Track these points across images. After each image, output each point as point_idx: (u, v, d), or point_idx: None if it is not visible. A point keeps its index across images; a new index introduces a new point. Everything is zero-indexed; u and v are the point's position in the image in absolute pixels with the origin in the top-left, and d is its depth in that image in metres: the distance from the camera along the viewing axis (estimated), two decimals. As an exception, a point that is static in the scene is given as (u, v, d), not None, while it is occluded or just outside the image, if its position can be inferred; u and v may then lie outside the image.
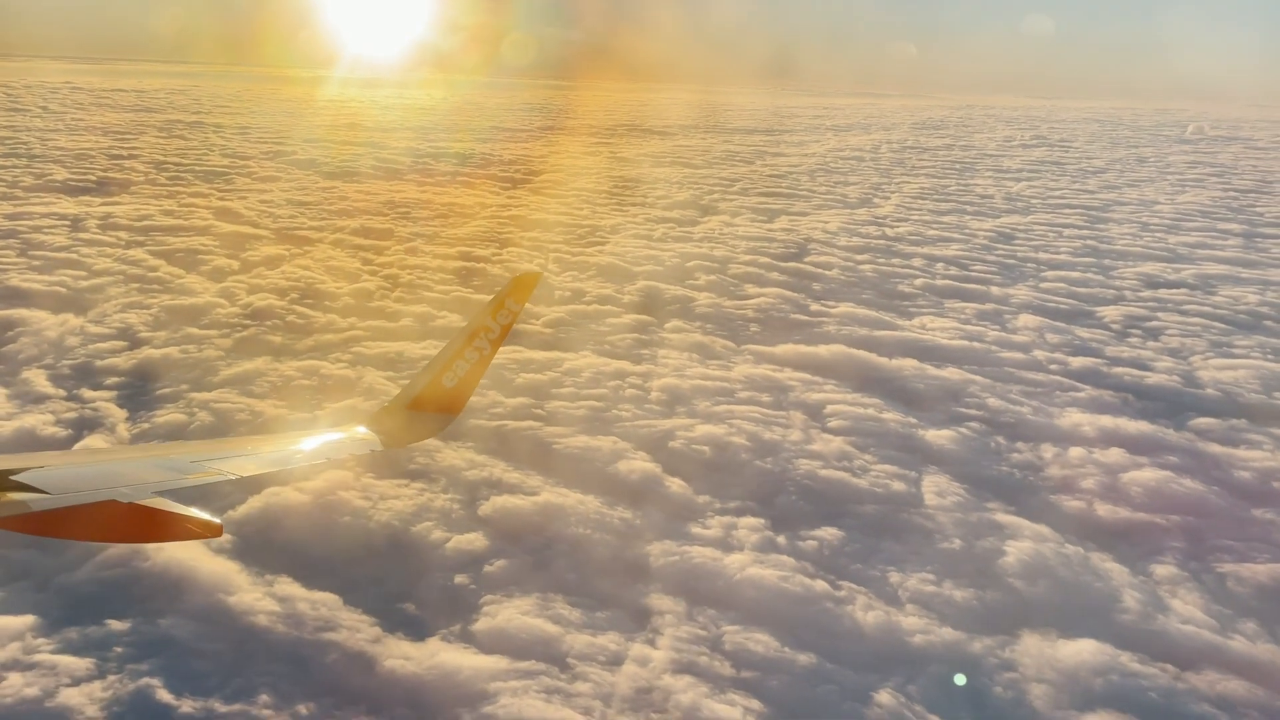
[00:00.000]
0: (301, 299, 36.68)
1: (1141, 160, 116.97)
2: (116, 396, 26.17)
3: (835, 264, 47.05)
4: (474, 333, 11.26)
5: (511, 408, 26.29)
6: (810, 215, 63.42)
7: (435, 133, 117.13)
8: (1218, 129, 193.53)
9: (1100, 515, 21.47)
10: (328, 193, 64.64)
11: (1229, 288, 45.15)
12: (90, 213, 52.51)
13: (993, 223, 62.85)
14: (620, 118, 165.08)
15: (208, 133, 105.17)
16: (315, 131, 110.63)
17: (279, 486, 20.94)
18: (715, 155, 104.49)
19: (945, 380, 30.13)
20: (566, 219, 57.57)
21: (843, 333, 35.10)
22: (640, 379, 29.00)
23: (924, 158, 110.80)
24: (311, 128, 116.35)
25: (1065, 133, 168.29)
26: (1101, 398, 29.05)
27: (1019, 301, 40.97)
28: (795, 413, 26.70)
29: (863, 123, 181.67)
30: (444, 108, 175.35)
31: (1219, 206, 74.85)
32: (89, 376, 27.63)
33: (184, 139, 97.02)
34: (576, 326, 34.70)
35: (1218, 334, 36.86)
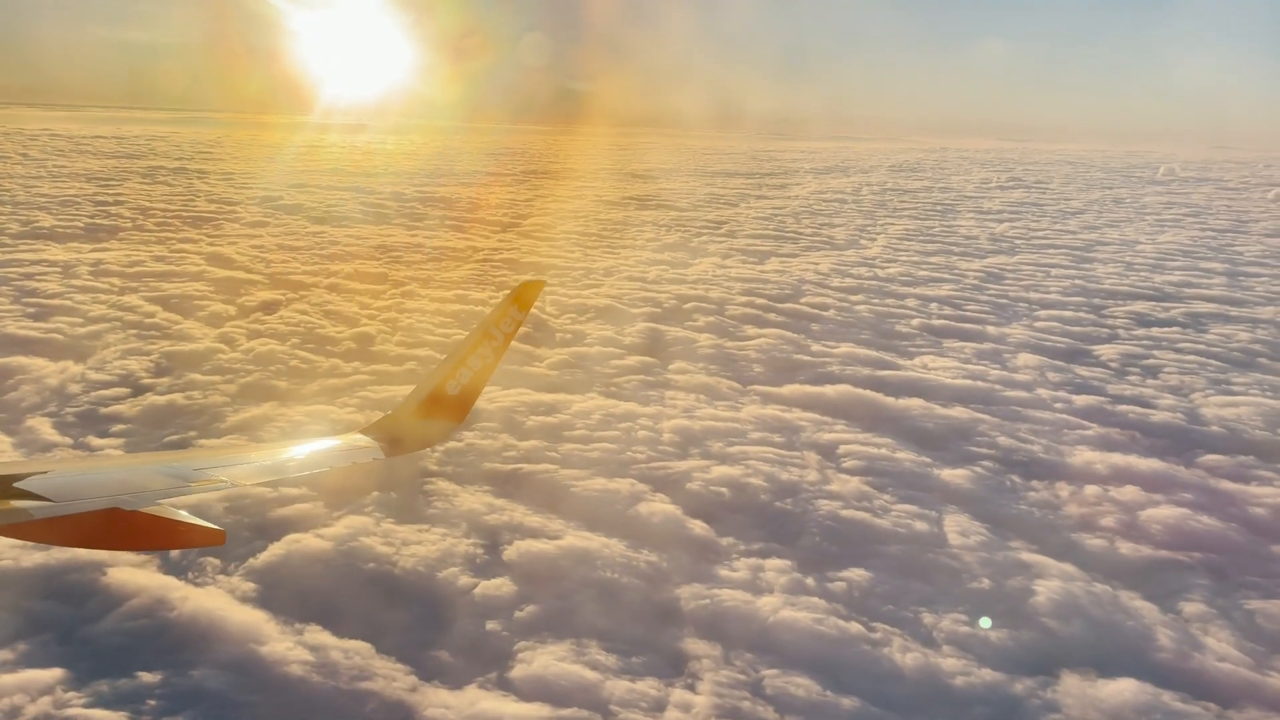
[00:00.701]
0: (303, 344, 36.46)
1: (1118, 201, 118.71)
2: (124, 444, 25.86)
3: (831, 305, 47.28)
4: (478, 340, 11.22)
5: (525, 451, 26.14)
6: (800, 257, 63.82)
7: (420, 177, 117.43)
8: (1188, 170, 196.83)
9: (1123, 553, 21.46)
10: (318, 237, 64.51)
11: (1220, 326, 45.65)
12: (81, 259, 52.17)
13: (980, 263, 63.45)
14: (603, 162, 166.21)
15: (191, 179, 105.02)
16: (300, 177, 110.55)
17: (299, 534, 20.74)
18: (699, 198, 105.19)
19: (953, 419, 30.20)
20: (560, 261, 57.71)
21: (847, 373, 35.18)
22: (651, 420, 28.89)
23: (905, 199, 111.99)
24: (296, 173, 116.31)
25: (1040, 174, 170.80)
26: (1110, 435, 29.18)
27: (1016, 341, 41.25)
28: (809, 453, 26.65)
29: (840, 166, 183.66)
30: (426, 152, 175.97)
31: (1199, 246, 75.92)
32: (94, 424, 27.30)
33: (168, 185, 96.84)
34: (581, 369, 34.64)
35: (1215, 371, 37.18)
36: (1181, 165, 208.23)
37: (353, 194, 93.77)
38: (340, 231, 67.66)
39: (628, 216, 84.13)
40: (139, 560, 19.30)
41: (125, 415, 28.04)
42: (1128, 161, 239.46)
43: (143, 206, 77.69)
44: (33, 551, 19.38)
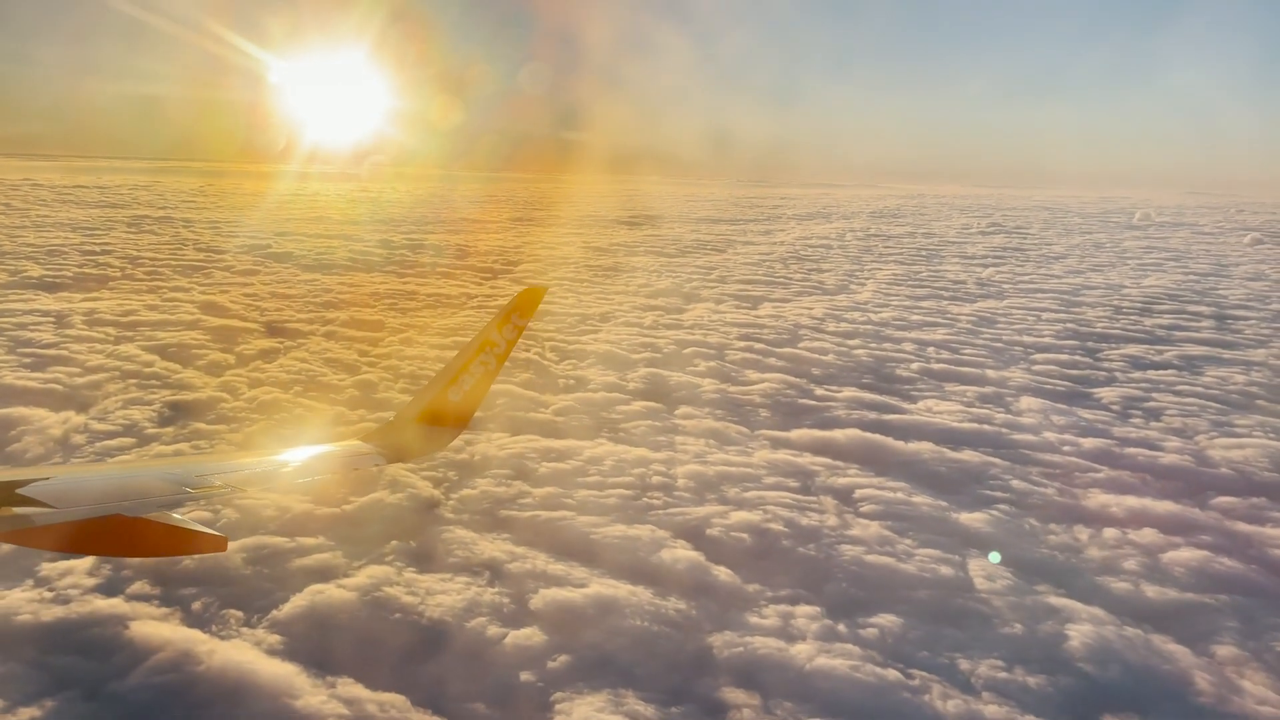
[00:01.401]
0: (305, 392, 36.20)
1: (1098, 246, 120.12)
2: (134, 494, 25.44)
3: (829, 349, 47.39)
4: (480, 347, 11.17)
5: (541, 498, 25.93)
6: (792, 302, 64.11)
7: (408, 225, 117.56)
8: (1163, 215, 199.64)
9: (1149, 596, 21.41)
10: (310, 285, 64.32)
11: (1214, 369, 45.99)
12: (73, 309, 51.74)
13: (970, 307, 63.91)
14: (588, 208, 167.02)
15: (178, 227, 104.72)
16: (286, 225, 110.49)
17: (321, 584, 20.45)
18: (687, 244, 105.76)
19: (964, 463, 30.21)
20: (554, 308, 57.59)
21: (853, 417, 35.19)
22: (664, 466, 28.75)
23: (889, 245, 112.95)
24: (282, 221, 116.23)
25: (1019, 220, 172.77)
26: (1121, 478, 29.23)
27: (1016, 384, 41.41)
28: (826, 498, 26.57)
29: (822, 212, 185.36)
30: (411, 199, 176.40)
31: (1184, 290, 76.76)
32: (102, 474, 26.88)
33: (155, 234, 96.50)
34: (588, 414, 34.50)
35: (1216, 414, 37.40)
36: (1156, 210, 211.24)
37: (341, 242, 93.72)
38: (332, 279, 67.49)
39: (618, 263, 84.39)
40: (161, 613, 18.97)
41: (132, 465, 27.63)
42: (1102, 207, 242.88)
43: (131, 256, 77.31)
44: (52, 605, 19.03)
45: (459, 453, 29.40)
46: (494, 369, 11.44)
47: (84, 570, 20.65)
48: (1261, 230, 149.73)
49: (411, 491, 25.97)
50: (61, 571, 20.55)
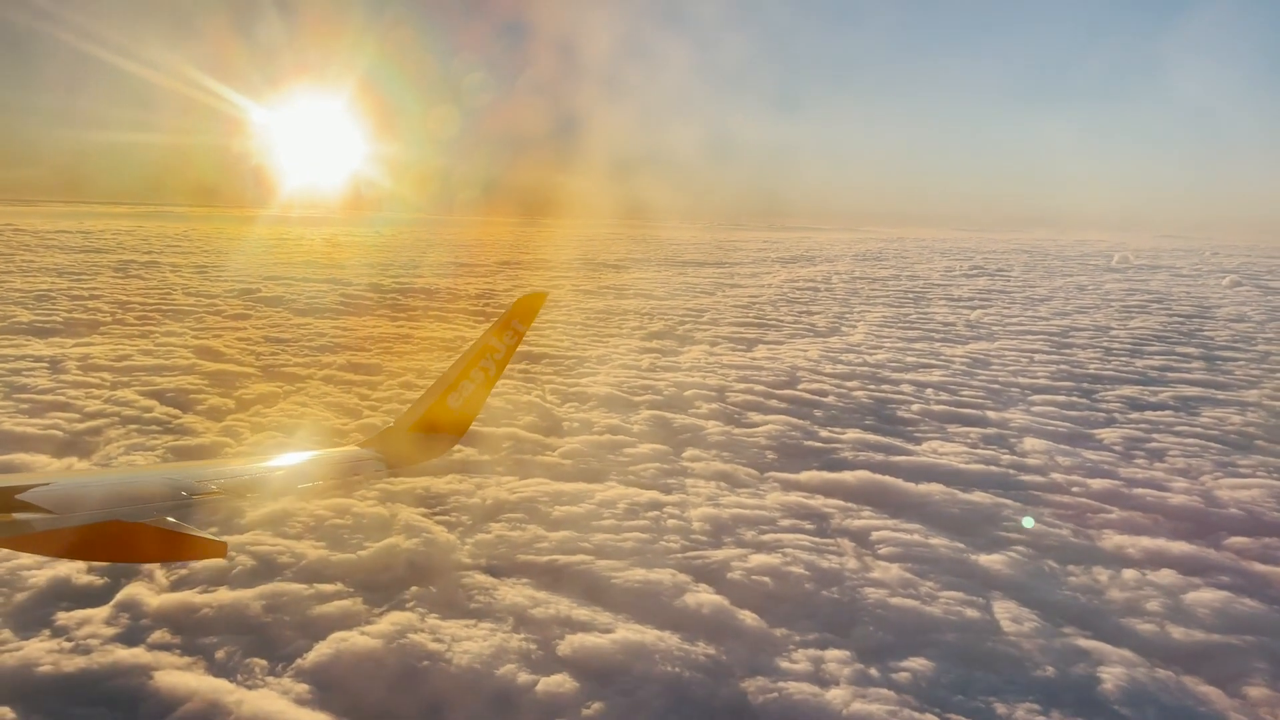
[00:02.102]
0: (309, 437, 35.92)
1: (1081, 288, 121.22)
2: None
3: (829, 391, 47.47)
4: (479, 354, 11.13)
5: (557, 542, 25.73)
6: (786, 344, 64.27)
7: (395, 269, 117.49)
8: (1140, 258, 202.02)
9: (1176, 638, 21.37)
10: (303, 329, 64.05)
11: (1210, 409, 46.31)
12: (66, 354, 51.29)
13: (963, 349, 64.26)
14: (572, 252, 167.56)
15: (164, 272, 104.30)
16: (274, 269, 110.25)
17: (344, 631, 20.16)
18: (675, 287, 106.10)
19: (977, 504, 30.20)
20: (550, 350, 57.59)
21: (861, 459, 35.17)
22: (677, 509, 28.62)
23: (876, 287, 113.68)
24: (269, 265, 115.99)
25: (1000, 262, 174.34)
26: (1133, 519, 29.28)
27: (1018, 425, 41.57)
28: (843, 540, 26.47)
29: (806, 255, 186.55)
30: (397, 244, 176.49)
31: (1170, 331, 77.45)
32: (111, 521, 26.49)
33: (142, 279, 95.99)
34: (595, 457, 34.34)
35: (1218, 454, 37.60)
36: (1134, 253, 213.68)
37: (330, 286, 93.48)
38: (325, 323, 67.24)
39: (608, 306, 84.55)
40: (184, 662, 18.65)
41: (141, 512, 27.26)
42: (1079, 250, 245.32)
43: (120, 300, 76.83)
44: (73, 656, 18.67)
45: (470, 496, 29.25)
46: (493, 375, 11.44)
47: (101, 620, 20.34)
48: (1239, 272, 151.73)
49: (426, 536, 25.73)
50: (79, 621, 20.23)
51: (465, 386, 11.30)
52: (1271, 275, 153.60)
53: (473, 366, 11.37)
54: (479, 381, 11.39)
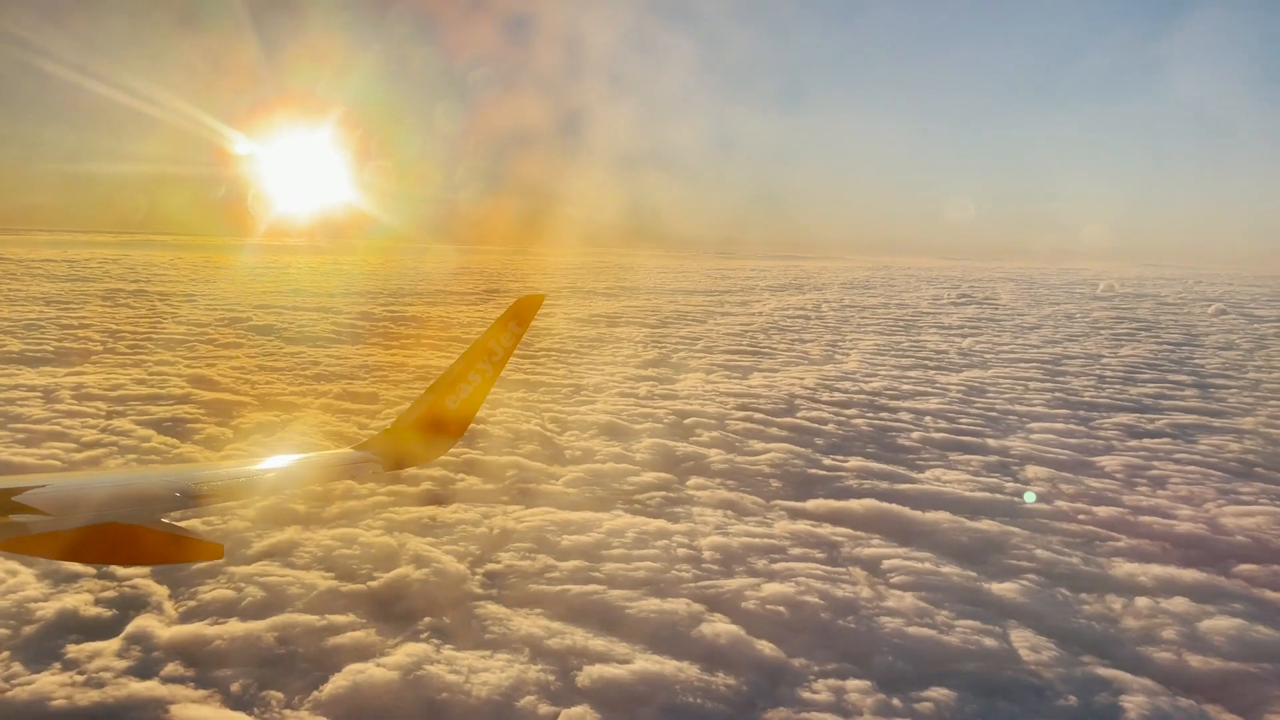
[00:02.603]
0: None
1: (1069, 316, 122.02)
2: (151, 573, 24.71)
3: (828, 419, 47.47)
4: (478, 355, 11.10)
5: (568, 571, 25.54)
6: (781, 372, 64.30)
7: (385, 296, 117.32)
8: (1125, 286, 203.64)
9: (1195, 666, 21.32)
10: (297, 358, 63.75)
11: (1207, 437, 46.51)
12: (59, 383, 50.88)
13: (957, 377, 64.40)
14: (561, 280, 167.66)
15: (153, 301, 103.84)
16: (263, 298, 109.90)
17: (360, 663, 19.91)
18: (666, 315, 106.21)
19: (984, 532, 30.14)
20: (546, 379, 57.51)
21: (865, 487, 35.12)
22: (686, 538, 28.47)
23: (866, 316, 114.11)
24: (258, 294, 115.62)
25: (987, 291, 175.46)
26: (1141, 547, 29.28)
27: (1018, 453, 41.62)
28: (855, 569, 26.35)
29: (794, 283, 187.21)
30: (385, 272, 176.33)
31: (1160, 359, 77.91)
32: (115, 551, 26.17)
33: (130, 307, 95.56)
34: (600, 486, 34.18)
35: (1219, 481, 37.71)
36: (1119, 281, 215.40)
37: (321, 314, 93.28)
38: (318, 352, 66.95)
39: (601, 334, 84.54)
40: (200, 695, 18.38)
41: (145, 542, 26.93)
42: (1064, 278, 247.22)
43: (110, 329, 76.40)
44: (87, 690, 18.36)
45: (478, 526, 29.05)
46: (492, 376, 11.40)
47: (113, 652, 20.05)
48: (1223, 301, 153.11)
49: (436, 566, 25.50)
50: (90, 654, 19.94)
51: (464, 387, 11.29)
52: (1255, 304, 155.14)
53: (471, 367, 11.34)
54: (477, 382, 11.37)
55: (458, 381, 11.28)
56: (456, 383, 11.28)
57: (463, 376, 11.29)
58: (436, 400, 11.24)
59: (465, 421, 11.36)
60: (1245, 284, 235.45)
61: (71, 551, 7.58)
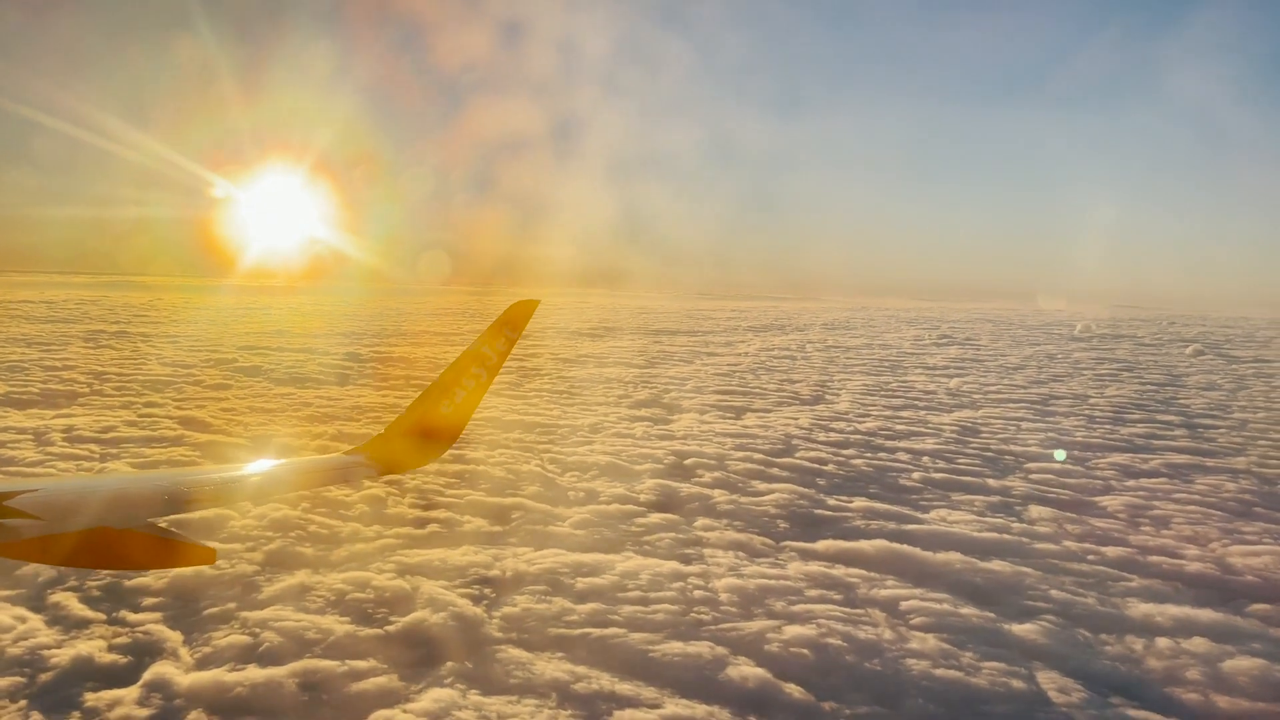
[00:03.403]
0: (314, 509, 35.18)
1: (1051, 357, 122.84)
2: (163, 618, 24.32)
3: (828, 459, 47.46)
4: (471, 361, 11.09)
5: (586, 614, 25.28)
6: (774, 412, 64.35)
7: (369, 338, 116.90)
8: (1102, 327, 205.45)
9: (1224, 707, 21.28)
10: (288, 399, 63.30)
11: (1203, 476, 46.78)
12: (49, 425, 50.24)
13: (949, 417, 64.63)
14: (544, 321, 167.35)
15: (135, 342, 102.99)
16: (246, 339, 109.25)
17: (386, 709, 19.58)
18: (653, 355, 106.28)
19: (997, 573, 30.10)
20: (540, 419, 57.27)
21: (873, 527, 35.05)
22: (701, 580, 28.28)
23: (851, 356, 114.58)
24: (241, 335, 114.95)
25: (967, 332, 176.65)
26: (1153, 587, 29.29)
27: (1020, 493, 41.70)
28: (874, 611, 26.22)
29: (776, 324, 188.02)
30: (365, 313, 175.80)
31: (1146, 399, 78.49)
32: (123, 598, 25.71)
33: (113, 349, 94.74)
34: (607, 527, 33.95)
35: (1221, 521, 37.87)
36: (1095, 323, 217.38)
37: (306, 355, 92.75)
38: (309, 393, 66.49)
39: (591, 374, 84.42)
40: (226, 744, 17.96)
41: (153, 588, 26.48)
42: (1040, 319, 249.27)
43: (95, 371, 75.63)
44: (111, 738, 17.93)
45: (489, 569, 28.76)
46: (485, 382, 11.41)
47: (133, 700, 19.66)
48: (1199, 342, 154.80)
49: (453, 610, 25.19)
50: (109, 702, 19.57)
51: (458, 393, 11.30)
52: (1230, 344, 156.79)
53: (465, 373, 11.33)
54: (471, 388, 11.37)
55: (451, 388, 11.28)
56: (450, 389, 11.28)
57: (456, 383, 11.29)
58: (430, 406, 11.24)
59: (458, 428, 11.37)
60: (1217, 325, 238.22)
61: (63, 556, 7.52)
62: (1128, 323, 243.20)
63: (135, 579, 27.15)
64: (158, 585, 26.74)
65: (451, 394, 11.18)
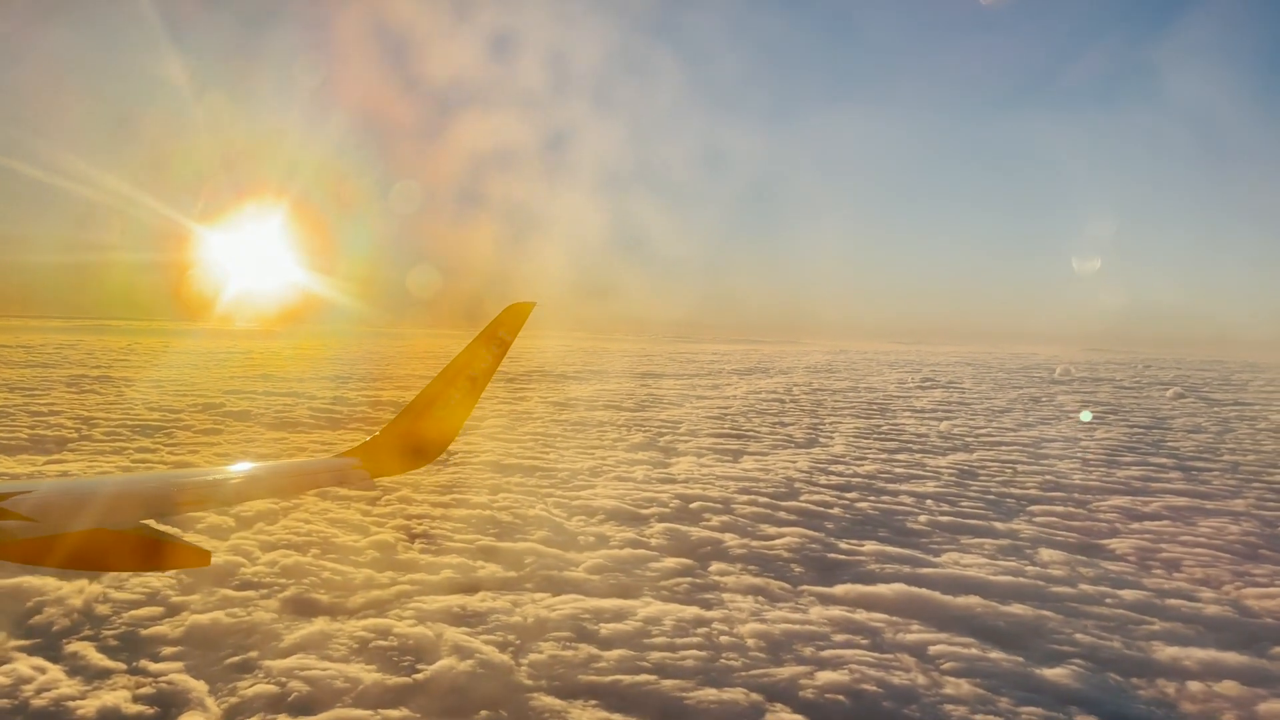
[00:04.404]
0: (324, 554, 34.74)
1: (1035, 400, 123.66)
2: (185, 667, 23.84)
3: (832, 502, 47.37)
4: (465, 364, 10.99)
5: (615, 661, 24.97)
6: (771, 455, 64.26)
7: (355, 381, 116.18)
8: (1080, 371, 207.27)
9: (1266, 750, 21.19)
10: (280, 444, 62.68)
11: (1205, 519, 46.95)
12: (42, 471, 49.55)
13: (945, 460, 64.74)
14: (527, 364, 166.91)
15: (120, 387, 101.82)
16: (232, 383, 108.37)
17: (427, 761, 19.14)
18: (641, 399, 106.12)
19: (1020, 617, 30.00)
20: (539, 463, 56.93)
21: (888, 571, 34.91)
22: (724, 625, 28.03)
23: (838, 399, 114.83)
24: (226, 379, 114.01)
25: (949, 375, 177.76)
26: (1175, 630, 29.28)
27: (1027, 536, 41.71)
28: (904, 655, 26.04)
29: (759, 367, 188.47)
30: (348, 357, 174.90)
31: (1136, 442, 78.98)
32: (142, 647, 25.20)
33: (98, 394, 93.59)
34: (623, 573, 33.66)
35: (1230, 563, 37.99)
36: (1074, 366, 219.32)
37: (295, 399, 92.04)
38: (301, 438, 65.93)
39: (583, 417, 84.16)
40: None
41: (171, 637, 25.97)
42: (1020, 362, 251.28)
43: (82, 416, 74.63)
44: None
45: (510, 615, 28.42)
46: (480, 385, 11.30)
47: (166, 753, 19.12)
48: (1178, 385, 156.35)
49: (479, 657, 24.83)
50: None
51: (451, 397, 11.18)
52: (1208, 387, 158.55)
53: (459, 377, 11.23)
54: (464, 392, 11.29)
55: (445, 392, 11.18)
56: (443, 393, 11.18)
57: (450, 387, 11.19)
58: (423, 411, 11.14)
59: (452, 432, 11.29)
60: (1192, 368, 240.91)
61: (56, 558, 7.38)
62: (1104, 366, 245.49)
63: (151, 628, 26.65)
64: (175, 634, 26.26)
65: (445, 398, 11.08)
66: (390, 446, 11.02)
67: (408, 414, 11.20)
